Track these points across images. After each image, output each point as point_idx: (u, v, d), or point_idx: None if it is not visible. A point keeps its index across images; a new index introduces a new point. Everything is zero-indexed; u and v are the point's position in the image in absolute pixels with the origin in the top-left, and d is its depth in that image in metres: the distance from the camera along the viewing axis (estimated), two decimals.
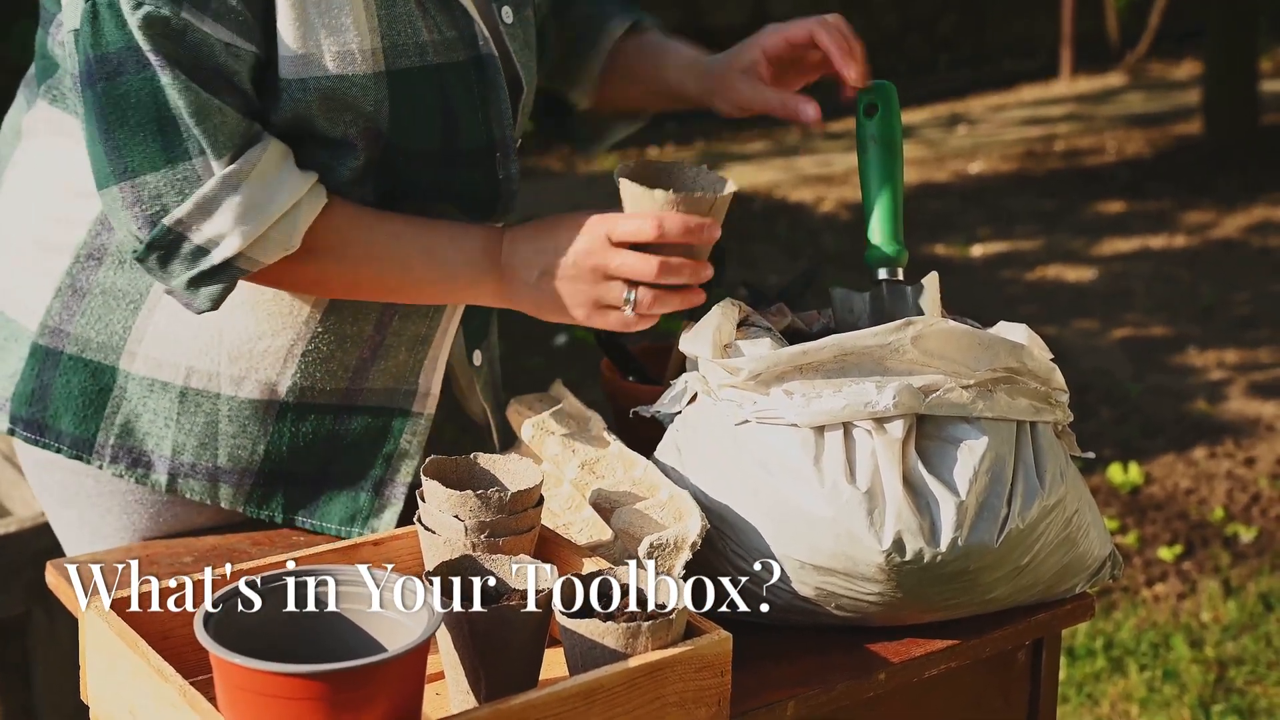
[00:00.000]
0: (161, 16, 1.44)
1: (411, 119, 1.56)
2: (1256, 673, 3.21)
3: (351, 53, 1.51)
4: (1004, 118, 8.10)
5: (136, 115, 1.47)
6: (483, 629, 1.29)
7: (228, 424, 1.64)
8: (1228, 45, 7.01)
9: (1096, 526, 1.56)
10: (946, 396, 1.46)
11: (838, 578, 1.44)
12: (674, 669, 1.29)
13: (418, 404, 1.69)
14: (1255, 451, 4.16)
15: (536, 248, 1.56)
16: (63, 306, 1.63)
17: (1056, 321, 5.13)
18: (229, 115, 1.48)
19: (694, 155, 7.39)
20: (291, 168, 1.53)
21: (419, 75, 1.55)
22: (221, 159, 1.48)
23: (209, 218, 1.49)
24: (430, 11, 1.56)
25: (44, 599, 2.36)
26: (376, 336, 1.65)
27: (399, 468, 1.69)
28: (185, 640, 1.36)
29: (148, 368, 1.63)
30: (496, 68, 1.61)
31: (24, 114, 1.70)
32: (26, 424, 1.66)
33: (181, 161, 1.48)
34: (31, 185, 1.67)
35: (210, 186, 1.48)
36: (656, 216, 1.51)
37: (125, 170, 1.48)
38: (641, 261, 1.51)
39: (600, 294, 1.53)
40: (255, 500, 1.67)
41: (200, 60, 1.46)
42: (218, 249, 1.50)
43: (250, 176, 1.49)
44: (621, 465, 1.59)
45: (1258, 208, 6.41)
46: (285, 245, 1.52)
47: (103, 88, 1.47)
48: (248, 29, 1.48)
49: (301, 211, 1.52)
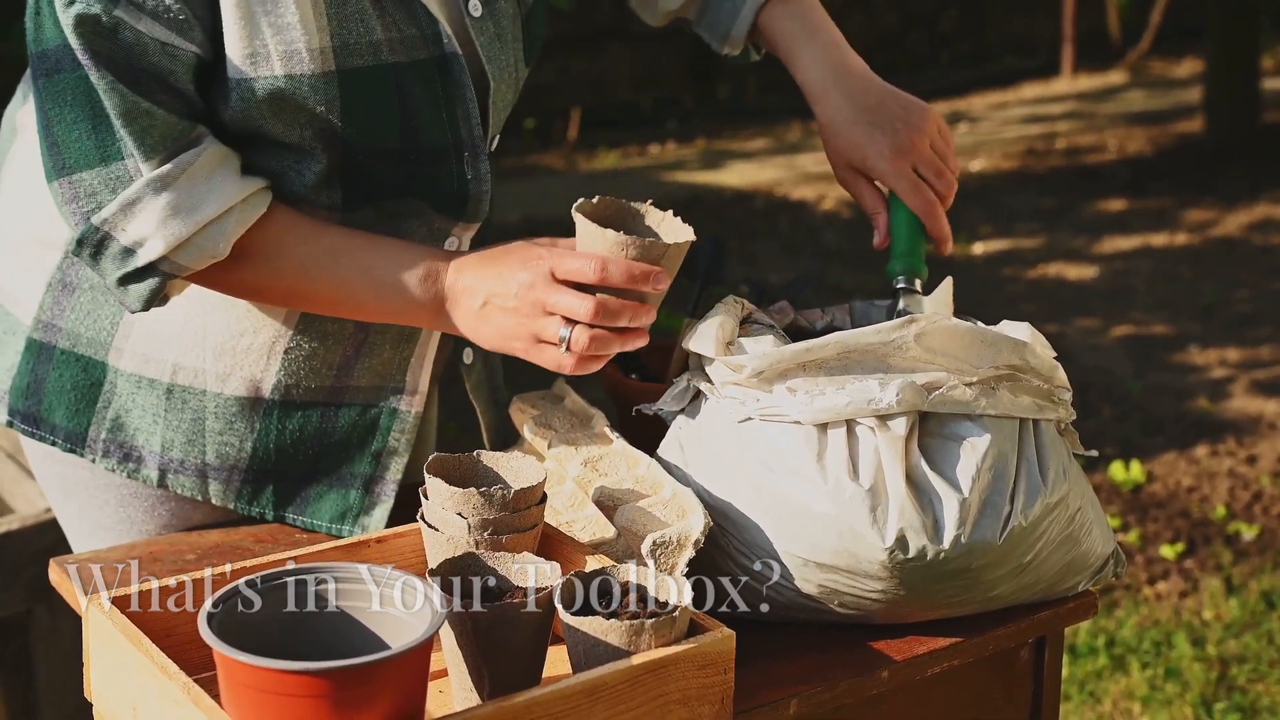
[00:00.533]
0: (92, 15, 1.43)
1: (366, 118, 1.53)
2: (1258, 671, 3.21)
3: (299, 51, 1.49)
4: (1005, 116, 8.10)
5: (73, 113, 1.46)
6: (486, 627, 1.29)
7: (214, 421, 1.64)
8: (1229, 43, 7.00)
9: (1099, 524, 1.56)
10: (950, 394, 1.46)
11: (841, 575, 1.44)
12: (677, 667, 1.29)
13: (405, 402, 1.69)
14: (1257, 449, 4.16)
15: (480, 275, 1.53)
16: (54, 301, 1.64)
17: (1058, 319, 5.13)
18: (158, 117, 1.47)
19: (695, 152, 7.40)
20: (228, 174, 1.51)
21: (372, 74, 1.52)
22: (150, 160, 1.47)
23: (133, 219, 1.48)
24: (387, 9, 1.53)
25: (46, 597, 2.36)
26: (359, 334, 1.65)
27: (388, 465, 1.69)
28: (188, 638, 1.36)
29: (135, 364, 1.63)
30: (461, 66, 1.58)
31: (19, 109, 1.71)
32: (24, 417, 1.67)
33: (115, 160, 1.47)
34: (27, 181, 1.67)
35: (135, 188, 1.48)
36: (601, 259, 1.48)
37: (63, 166, 1.48)
38: (578, 301, 1.47)
39: (538, 329, 1.50)
40: (245, 497, 1.68)
41: (133, 59, 1.45)
42: (142, 250, 1.49)
43: (179, 180, 1.48)
44: (624, 463, 1.59)
45: (1259, 205, 6.41)
46: (212, 252, 1.50)
47: (43, 84, 1.47)
48: (186, 28, 1.46)
49: (231, 219, 1.50)
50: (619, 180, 6.84)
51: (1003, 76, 8.77)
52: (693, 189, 6.70)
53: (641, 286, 1.48)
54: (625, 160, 7.26)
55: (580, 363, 1.50)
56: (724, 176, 6.94)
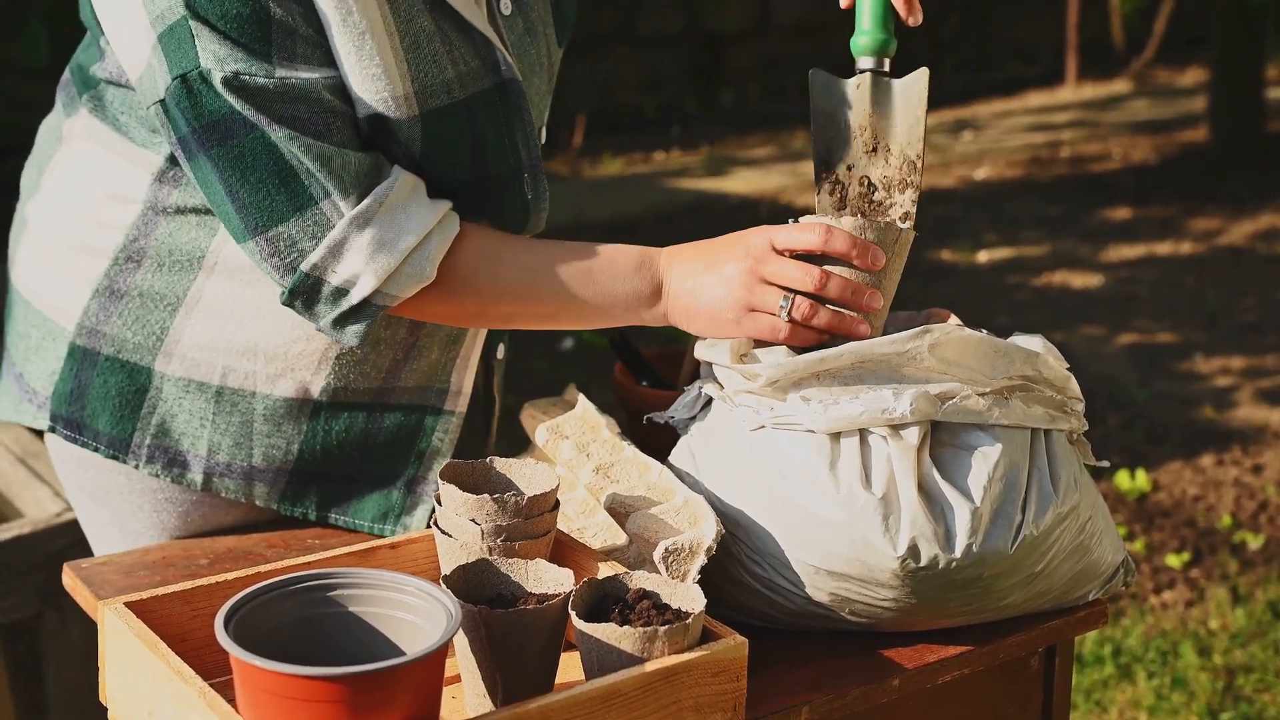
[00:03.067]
0: (257, 84, 1.45)
1: (442, 155, 1.56)
2: (1265, 680, 3.21)
3: (385, 99, 1.51)
4: (1010, 124, 8.11)
5: (256, 173, 1.48)
6: (499, 633, 1.30)
7: (262, 423, 1.65)
8: (1233, 52, 7.01)
9: (1109, 534, 1.57)
10: (963, 404, 1.46)
11: (852, 583, 1.45)
12: (690, 674, 1.29)
13: (449, 402, 1.71)
14: (1263, 458, 4.16)
15: (697, 252, 1.55)
16: (100, 308, 1.64)
17: (1063, 328, 5.13)
18: (349, 156, 1.50)
19: (700, 159, 7.40)
20: (421, 199, 1.53)
21: (449, 112, 1.55)
22: (349, 198, 1.50)
23: (341, 259, 1.50)
24: (454, 44, 1.55)
25: (56, 600, 2.36)
26: (410, 338, 1.66)
27: (431, 465, 1.70)
28: (203, 642, 1.36)
29: (184, 368, 1.64)
30: (520, 90, 1.60)
31: (64, 119, 1.71)
32: (66, 423, 1.68)
33: (310, 207, 1.49)
34: (70, 189, 1.68)
35: (340, 229, 1.50)
36: (825, 225, 1.50)
37: (257, 226, 1.50)
38: (801, 270, 1.50)
39: (755, 299, 1.51)
40: (289, 498, 1.69)
41: (312, 106, 1.47)
42: (355, 288, 1.51)
43: (379, 213, 1.50)
44: (636, 470, 1.59)
45: (1264, 214, 6.41)
46: (419, 278, 1.53)
47: (217, 152, 1.48)
48: (329, 55, 1.49)
49: (433, 243, 1.53)
50: (624, 187, 6.85)
51: (1006, 84, 8.78)
52: (697, 196, 6.71)
53: (862, 260, 1.50)
54: (630, 166, 7.27)
55: (794, 332, 1.51)
56: (729, 183, 6.94)
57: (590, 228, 6.03)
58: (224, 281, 1.62)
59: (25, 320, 1.72)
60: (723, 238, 1.55)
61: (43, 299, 1.69)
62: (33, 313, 1.70)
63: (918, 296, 5.18)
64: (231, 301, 1.62)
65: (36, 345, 1.69)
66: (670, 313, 1.57)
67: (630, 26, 7.90)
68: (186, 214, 1.61)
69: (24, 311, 1.72)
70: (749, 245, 1.52)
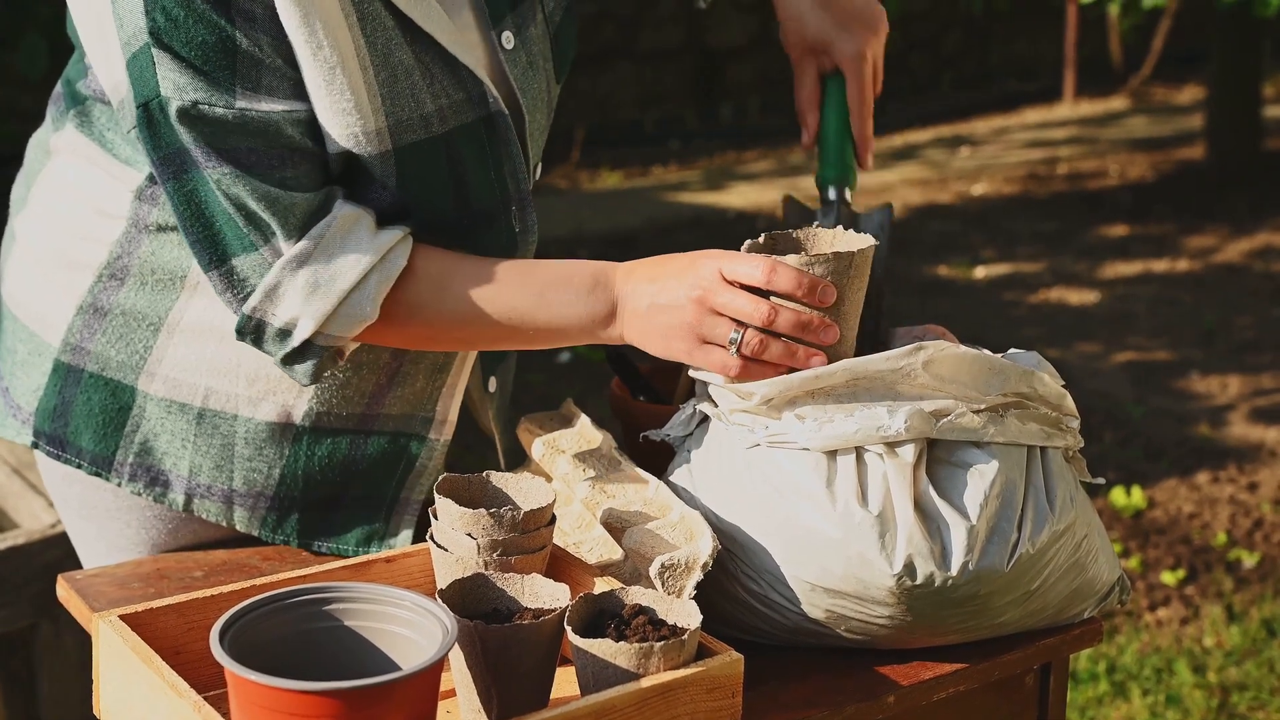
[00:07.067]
0: (216, 116, 1.44)
1: (420, 190, 1.54)
2: (1259, 699, 3.21)
3: (355, 134, 1.50)
4: (1007, 140, 8.12)
5: (209, 207, 1.48)
6: (494, 647, 1.30)
7: (244, 446, 1.64)
8: (1231, 70, 7.02)
9: (1105, 551, 1.57)
10: (958, 421, 1.46)
11: (848, 600, 1.45)
12: (686, 690, 1.29)
13: (434, 431, 1.69)
14: (1258, 476, 4.16)
15: (650, 274, 1.51)
16: (84, 324, 1.64)
17: (1059, 344, 5.14)
18: (295, 197, 1.48)
19: (698, 173, 7.41)
20: (361, 235, 1.51)
21: (424, 147, 1.53)
22: (291, 239, 1.49)
23: (279, 302, 1.50)
24: (436, 77, 1.53)
25: (50, 612, 2.36)
26: (394, 363, 1.65)
27: (414, 486, 1.69)
28: (198, 655, 1.36)
29: (166, 389, 1.63)
30: (507, 123, 1.58)
31: (52, 134, 1.71)
32: (49, 439, 1.67)
33: (260, 246, 1.49)
34: (58, 203, 1.68)
35: (274, 272, 1.49)
36: (771, 260, 1.46)
37: (212, 259, 1.50)
38: (751, 304, 1.46)
39: (705, 331, 1.48)
40: (270, 525, 1.68)
41: (270, 140, 1.46)
42: (296, 330, 1.51)
43: (313, 255, 1.49)
44: (632, 485, 1.59)
45: (1260, 232, 6.42)
46: (359, 318, 1.51)
47: (172, 186, 1.48)
48: (299, 87, 1.48)
49: (371, 282, 1.51)
50: (622, 201, 6.86)
51: (1005, 100, 8.79)
52: (696, 209, 6.71)
53: (811, 299, 1.46)
54: (628, 180, 7.27)
55: (746, 368, 1.48)
56: (727, 197, 6.95)
57: (588, 241, 6.04)
58: (206, 302, 1.61)
59: (13, 335, 1.71)
60: (678, 258, 1.51)
61: (29, 313, 1.69)
62: (19, 327, 1.70)
63: (914, 312, 5.19)
64: (213, 321, 1.61)
65: (23, 360, 1.69)
66: (625, 335, 1.54)
67: (631, 41, 7.92)
68: (168, 231, 1.60)
69: (11, 326, 1.71)
70: (698, 275, 1.48)
